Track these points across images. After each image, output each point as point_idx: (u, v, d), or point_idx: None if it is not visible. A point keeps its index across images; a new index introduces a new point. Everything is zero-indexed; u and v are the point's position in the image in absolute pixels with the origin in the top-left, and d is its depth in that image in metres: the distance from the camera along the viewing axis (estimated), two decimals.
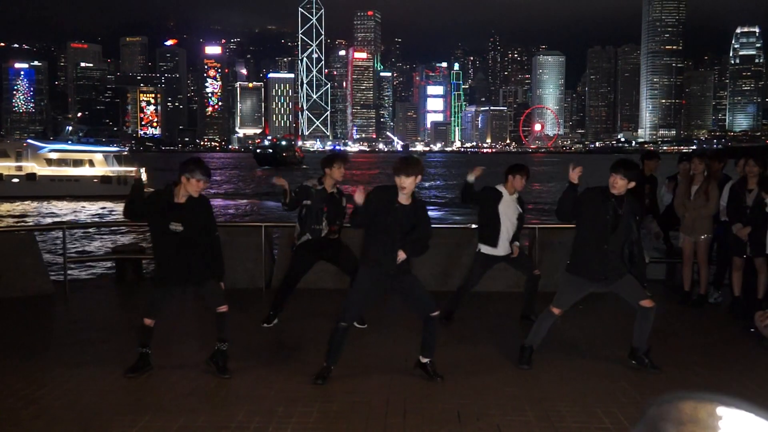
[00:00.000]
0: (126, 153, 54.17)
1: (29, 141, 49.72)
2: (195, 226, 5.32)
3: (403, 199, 5.14)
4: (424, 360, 5.37)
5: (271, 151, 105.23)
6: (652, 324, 5.58)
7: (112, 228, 28.39)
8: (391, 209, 5.11)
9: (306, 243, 6.72)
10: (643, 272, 5.56)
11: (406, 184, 5.04)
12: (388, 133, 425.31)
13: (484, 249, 6.99)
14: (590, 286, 5.59)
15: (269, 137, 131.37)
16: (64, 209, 40.25)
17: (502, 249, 6.92)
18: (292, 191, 6.61)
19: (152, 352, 5.53)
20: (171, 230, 5.25)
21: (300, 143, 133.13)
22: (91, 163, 47.42)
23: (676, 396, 0.63)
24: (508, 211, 6.87)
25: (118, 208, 40.98)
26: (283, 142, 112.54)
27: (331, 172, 6.71)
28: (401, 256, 5.12)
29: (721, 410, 0.58)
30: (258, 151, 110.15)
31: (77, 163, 47.23)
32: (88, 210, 39.98)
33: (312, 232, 6.67)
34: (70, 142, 50.80)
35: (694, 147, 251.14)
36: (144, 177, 55.07)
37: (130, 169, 47.49)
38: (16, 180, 45.46)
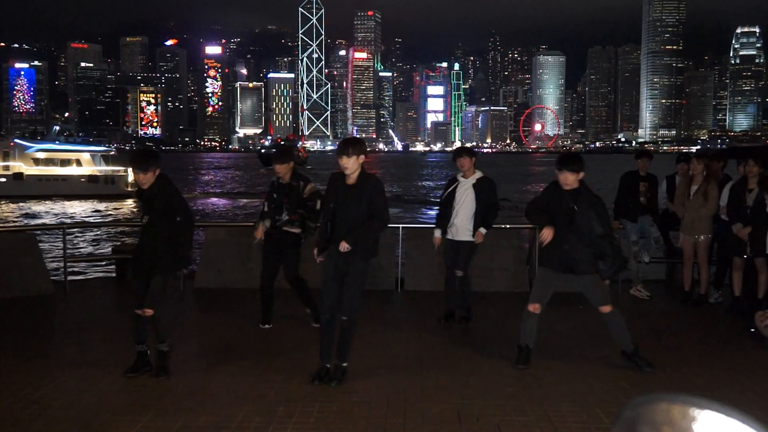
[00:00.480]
0: (113, 152, 54.20)
1: (16, 141, 49.74)
2: (153, 213, 5.33)
3: (350, 180, 5.17)
4: (342, 364, 5.26)
5: (275, 151, 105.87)
6: (623, 326, 5.62)
7: (112, 228, 28.38)
8: (339, 193, 5.18)
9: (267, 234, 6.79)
10: (615, 268, 5.55)
11: (348, 164, 5.08)
12: (390, 132, 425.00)
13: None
14: (556, 278, 5.65)
15: (271, 138, 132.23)
16: (46, 209, 40.13)
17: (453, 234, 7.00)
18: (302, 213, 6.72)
19: (152, 352, 5.52)
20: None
21: (301, 143, 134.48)
22: (79, 163, 47.51)
23: (650, 397, 0.64)
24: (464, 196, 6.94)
25: (102, 207, 41.05)
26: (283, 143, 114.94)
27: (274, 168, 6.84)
28: (343, 246, 5.08)
29: (695, 412, 0.60)
30: (262, 151, 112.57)
31: (64, 162, 47.33)
32: (72, 210, 39.90)
33: (273, 223, 6.75)
34: (57, 141, 50.84)
35: (698, 147, 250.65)
36: (131, 177, 55.08)
37: (118, 168, 47.65)
38: (2, 180, 45.52)
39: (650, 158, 9.15)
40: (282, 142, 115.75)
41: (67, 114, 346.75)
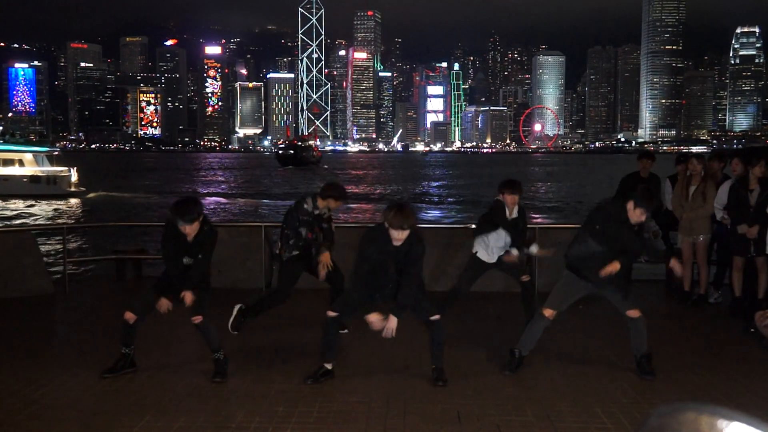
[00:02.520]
0: (57, 153, 54.44)
1: None
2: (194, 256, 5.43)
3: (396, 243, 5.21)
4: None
5: (292, 151, 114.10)
6: (645, 331, 5.53)
7: (112, 228, 28.32)
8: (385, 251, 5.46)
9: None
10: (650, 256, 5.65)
11: (402, 237, 5.12)
12: (394, 139, 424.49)
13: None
14: (583, 286, 5.59)
15: (288, 139, 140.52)
16: None
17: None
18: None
19: (152, 352, 5.54)
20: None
21: (315, 143, 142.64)
22: (21, 163, 47.60)
23: (677, 406, 0.62)
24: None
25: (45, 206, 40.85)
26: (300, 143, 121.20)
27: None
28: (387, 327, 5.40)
29: (723, 423, 0.59)
30: (280, 152, 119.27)
31: (7, 162, 47.41)
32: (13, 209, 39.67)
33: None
34: (1, 142, 50.92)
35: (714, 147, 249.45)
36: (74, 177, 54.12)
37: (60, 169, 47.92)
38: None
39: (652, 160, 9.13)
40: (297, 143, 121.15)
41: (10, 114, 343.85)
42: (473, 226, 7.17)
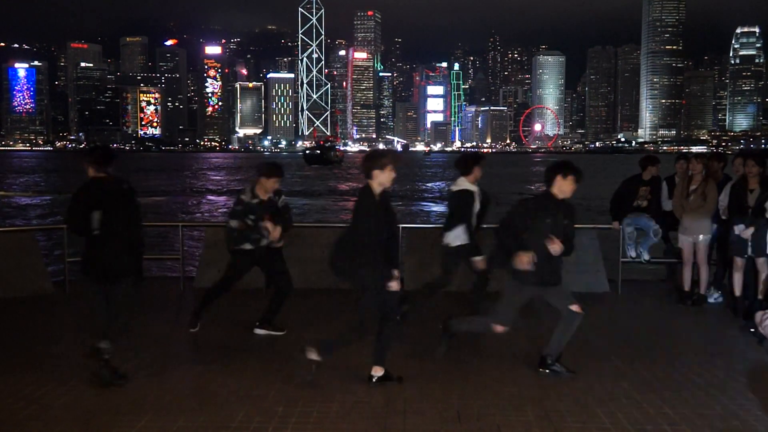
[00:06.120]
0: None
1: None
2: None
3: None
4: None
5: (318, 152, 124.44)
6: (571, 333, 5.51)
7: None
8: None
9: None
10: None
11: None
12: (389, 137, 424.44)
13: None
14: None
15: (314, 139, 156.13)
16: None
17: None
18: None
19: (146, 353, 5.56)
20: None
21: (338, 144, 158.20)
22: None
23: None
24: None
25: None
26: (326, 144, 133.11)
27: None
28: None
29: None
30: (307, 152, 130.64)
31: None
32: None
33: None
34: None
35: (741, 146, 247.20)
36: None
37: None
38: None
39: (657, 164, 9.06)
40: (323, 143, 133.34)
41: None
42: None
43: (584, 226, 9.79)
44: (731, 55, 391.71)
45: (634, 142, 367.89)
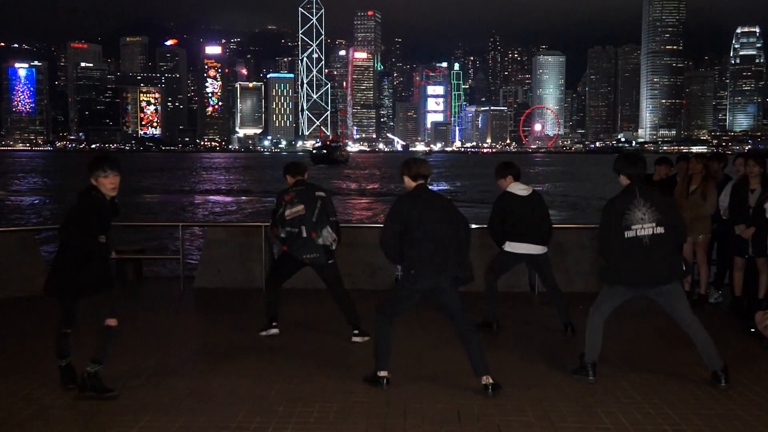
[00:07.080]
0: None
1: None
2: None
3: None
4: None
5: (325, 151, 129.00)
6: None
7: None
8: None
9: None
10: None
11: None
12: (388, 135, 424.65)
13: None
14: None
15: (320, 139, 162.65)
16: None
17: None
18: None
19: (152, 353, 5.61)
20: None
21: (343, 144, 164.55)
22: None
23: None
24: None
25: None
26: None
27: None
28: None
29: None
30: (314, 151, 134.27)
31: None
32: None
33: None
34: None
35: (749, 147, 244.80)
36: None
37: None
38: None
39: (670, 165, 9.04)
40: (329, 143, 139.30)
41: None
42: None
43: (585, 226, 9.81)
44: (731, 55, 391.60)
45: (634, 142, 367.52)
